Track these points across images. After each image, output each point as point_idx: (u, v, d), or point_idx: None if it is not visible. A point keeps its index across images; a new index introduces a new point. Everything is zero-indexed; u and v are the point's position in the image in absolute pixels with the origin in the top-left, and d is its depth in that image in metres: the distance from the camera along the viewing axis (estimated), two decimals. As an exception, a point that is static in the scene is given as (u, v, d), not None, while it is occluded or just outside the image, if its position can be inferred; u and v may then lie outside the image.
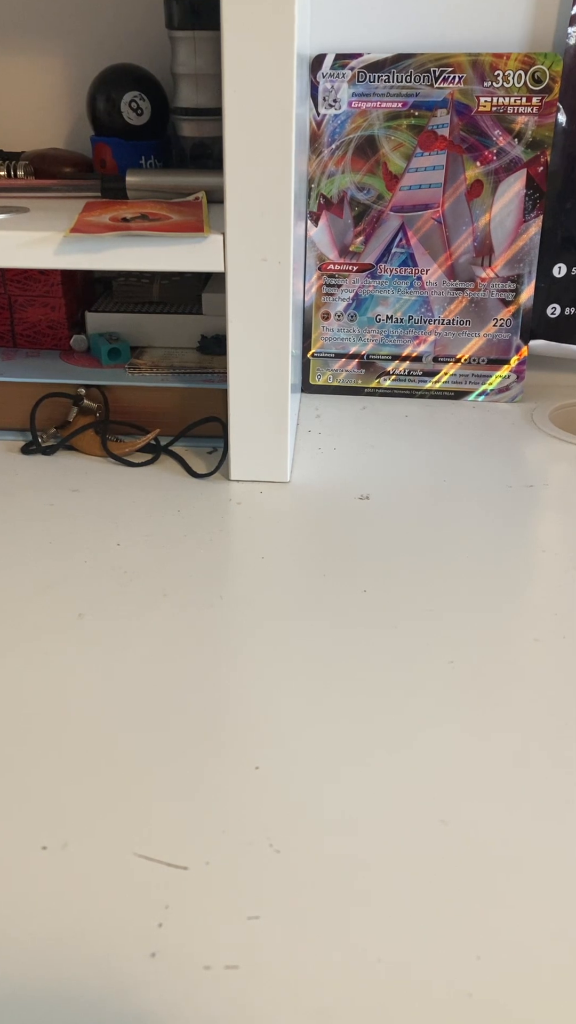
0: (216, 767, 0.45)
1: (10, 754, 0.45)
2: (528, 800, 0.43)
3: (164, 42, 0.87)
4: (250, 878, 0.39)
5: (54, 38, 0.88)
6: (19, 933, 0.37)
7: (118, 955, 0.36)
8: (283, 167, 0.61)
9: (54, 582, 0.59)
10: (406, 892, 0.38)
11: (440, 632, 0.55)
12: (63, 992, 0.34)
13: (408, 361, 0.88)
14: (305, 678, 0.51)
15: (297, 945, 0.36)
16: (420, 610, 0.57)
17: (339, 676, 0.51)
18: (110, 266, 0.64)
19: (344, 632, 0.55)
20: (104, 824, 0.41)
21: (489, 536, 0.65)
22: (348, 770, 0.45)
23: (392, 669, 0.52)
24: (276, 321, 0.66)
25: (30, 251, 0.65)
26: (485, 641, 0.54)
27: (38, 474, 0.73)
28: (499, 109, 0.79)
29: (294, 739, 0.46)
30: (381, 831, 0.41)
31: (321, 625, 0.55)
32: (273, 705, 0.49)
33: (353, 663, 0.52)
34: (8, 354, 0.83)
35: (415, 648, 0.53)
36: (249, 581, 0.59)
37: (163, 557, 0.62)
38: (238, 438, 0.70)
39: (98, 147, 0.83)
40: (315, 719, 0.48)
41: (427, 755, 0.45)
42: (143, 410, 0.78)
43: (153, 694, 0.49)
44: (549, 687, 0.50)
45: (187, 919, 0.37)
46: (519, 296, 0.84)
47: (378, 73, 0.79)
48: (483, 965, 0.35)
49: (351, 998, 0.34)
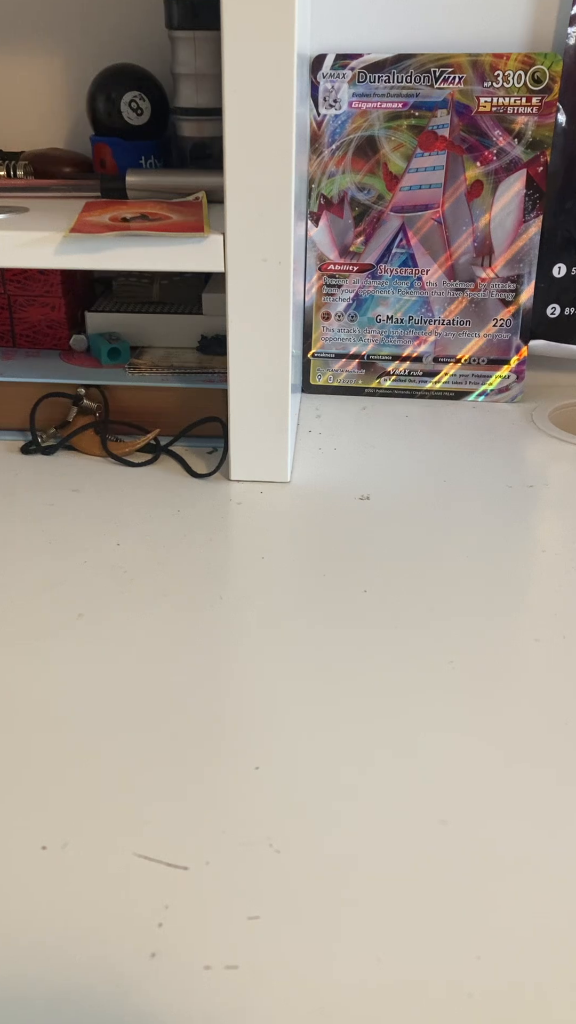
0: (216, 767, 0.45)
1: (10, 754, 0.45)
2: (528, 800, 0.43)
3: (164, 42, 0.87)
4: (250, 878, 0.39)
5: (54, 38, 0.88)
6: (19, 933, 0.37)
7: (118, 955, 0.36)
8: (283, 167, 0.61)
9: (54, 582, 0.59)
10: (406, 892, 0.38)
11: (440, 632, 0.55)
12: (63, 992, 0.34)
13: (408, 361, 0.88)
14: (305, 678, 0.51)
15: (297, 945, 0.36)
16: (420, 610, 0.57)
17: (339, 676, 0.51)
18: (110, 266, 0.64)
19: (344, 632, 0.55)
20: (104, 824, 0.41)
21: (489, 536, 0.65)
22: (348, 770, 0.44)
23: (392, 669, 0.52)
24: (276, 321, 0.66)
25: (30, 251, 0.65)
26: (485, 641, 0.54)
27: (38, 474, 0.73)
28: (499, 109, 0.79)
29: (294, 739, 0.46)
30: (381, 831, 0.41)
31: (321, 625, 0.55)
32: (273, 705, 0.49)
33: (353, 663, 0.52)
34: (8, 354, 0.83)
35: (415, 648, 0.53)
36: (249, 581, 0.59)
37: (163, 557, 0.62)
38: (238, 438, 0.70)
39: (98, 147, 0.83)
40: (315, 719, 0.48)
41: (427, 755, 0.45)
42: (143, 410, 0.78)
43: (153, 694, 0.49)
44: (549, 687, 0.50)
45: (187, 919, 0.37)
46: (519, 296, 0.84)
47: (378, 73, 0.79)
48: (483, 965, 0.35)
49: (351, 998, 0.34)
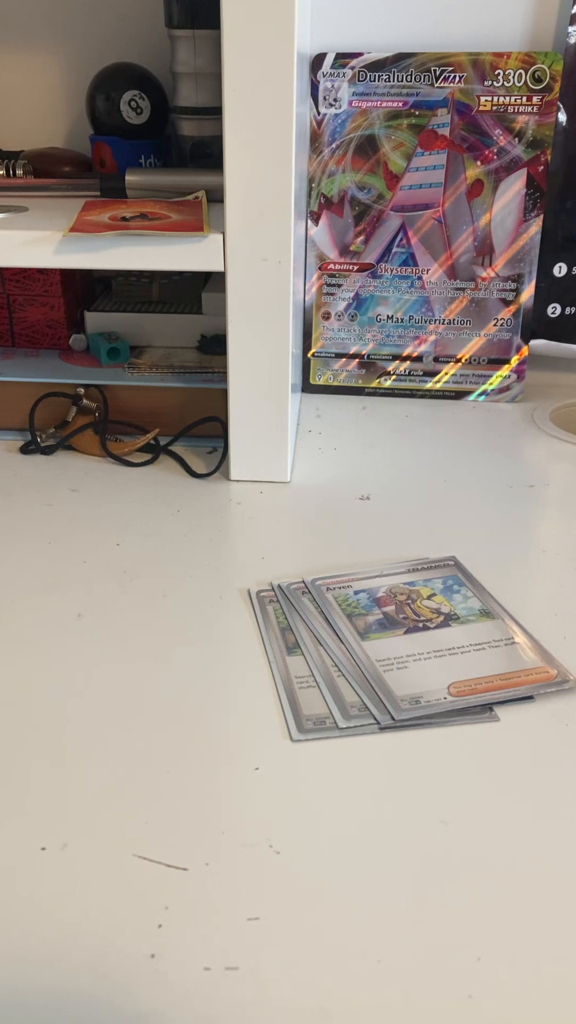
0: (216, 767, 0.45)
1: (10, 754, 0.45)
2: (528, 800, 0.43)
3: (164, 41, 0.87)
4: (250, 879, 0.39)
5: (54, 38, 0.88)
6: (19, 933, 0.37)
7: (118, 955, 0.36)
8: (283, 167, 0.61)
9: (54, 582, 0.59)
10: (406, 892, 0.38)
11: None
12: (63, 992, 0.34)
13: (409, 361, 0.88)
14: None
15: (297, 945, 0.36)
16: (420, 610, 0.57)
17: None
18: (109, 265, 0.64)
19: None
20: (104, 824, 0.41)
21: (489, 536, 0.65)
22: (348, 770, 0.44)
23: (392, 669, 0.51)
24: (276, 321, 0.66)
25: (29, 250, 0.64)
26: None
27: (37, 474, 0.73)
28: (499, 108, 0.79)
29: (294, 739, 0.46)
30: (381, 831, 0.41)
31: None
32: (273, 705, 0.49)
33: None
34: (7, 353, 0.83)
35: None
36: (249, 581, 0.59)
37: (163, 557, 0.62)
38: (238, 438, 0.70)
39: (97, 146, 0.83)
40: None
41: (427, 755, 0.45)
42: (142, 410, 0.78)
43: (153, 694, 0.49)
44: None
45: (187, 920, 0.37)
46: (519, 296, 0.84)
47: (378, 72, 0.79)
48: (483, 966, 0.35)
49: (351, 998, 0.34)
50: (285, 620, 0.55)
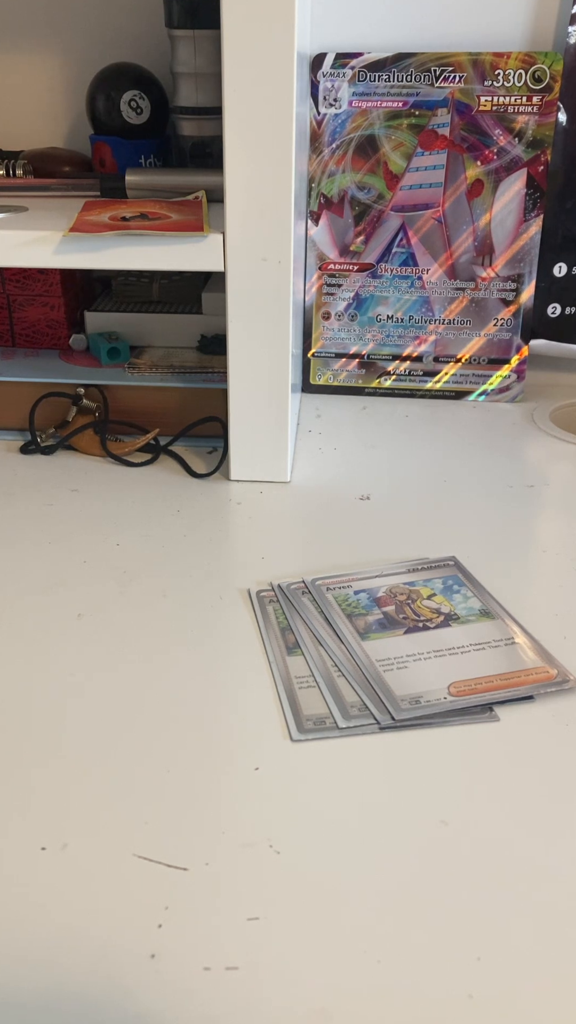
0: (216, 767, 0.45)
1: (10, 754, 0.45)
2: (528, 800, 0.43)
3: (164, 41, 0.87)
4: (250, 879, 0.39)
5: (54, 37, 0.88)
6: (19, 934, 0.37)
7: (118, 955, 0.36)
8: (283, 167, 0.61)
9: (54, 582, 0.59)
10: (406, 893, 0.38)
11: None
12: (63, 992, 0.34)
13: (408, 361, 0.88)
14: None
15: (297, 945, 0.36)
16: (420, 610, 0.57)
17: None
18: (109, 265, 0.64)
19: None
20: (104, 825, 0.41)
21: (489, 536, 0.65)
22: (348, 770, 0.44)
23: (392, 669, 0.51)
24: (276, 321, 0.66)
25: (29, 250, 0.64)
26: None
27: (37, 474, 0.73)
28: (499, 108, 0.79)
29: (294, 740, 0.46)
30: (381, 831, 0.41)
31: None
32: (273, 705, 0.49)
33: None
34: (7, 353, 0.83)
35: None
36: (249, 581, 0.59)
37: (163, 557, 0.62)
38: (238, 438, 0.70)
39: (97, 146, 0.83)
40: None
41: (427, 755, 0.45)
42: (143, 410, 0.78)
43: (153, 694, 0.49)
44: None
45: (187, 920, 0.37)
46: (519, 296, 0.84)
47: (378, 72, 0.79)
48: (483, 966, 0.35)
49: (351, 998, 0.34)
50: (285, 620, 0.55)
